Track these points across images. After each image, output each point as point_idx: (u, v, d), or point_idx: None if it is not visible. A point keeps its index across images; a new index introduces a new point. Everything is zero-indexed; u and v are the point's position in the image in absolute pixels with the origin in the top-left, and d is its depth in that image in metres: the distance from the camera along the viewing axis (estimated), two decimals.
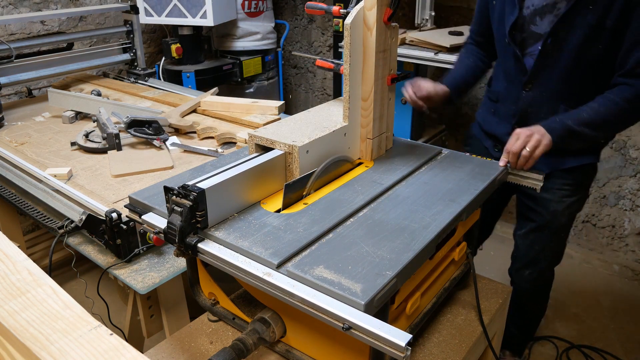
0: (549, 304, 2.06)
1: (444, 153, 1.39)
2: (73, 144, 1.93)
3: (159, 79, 3.07)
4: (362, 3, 1.17)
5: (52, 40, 2.55)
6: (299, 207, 1.09)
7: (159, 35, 3.54)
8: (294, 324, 1.03)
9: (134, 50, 2.79)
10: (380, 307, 0.84)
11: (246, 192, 1.07)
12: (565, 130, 1.42)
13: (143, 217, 1.05)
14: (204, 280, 1.19)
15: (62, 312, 0.61)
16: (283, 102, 2.18)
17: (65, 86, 2.63)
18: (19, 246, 0.81)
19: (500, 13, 1.60)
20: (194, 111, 2.25)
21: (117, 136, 1.85)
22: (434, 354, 1.15)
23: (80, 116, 2.26)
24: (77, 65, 2.62)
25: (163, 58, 3.16)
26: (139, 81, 2.76)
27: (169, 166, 1.73)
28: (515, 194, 1.87)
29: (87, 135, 1.96)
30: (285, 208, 1.08)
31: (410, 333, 0.75)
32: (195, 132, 2.07)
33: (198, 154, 1.86)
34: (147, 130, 1.90)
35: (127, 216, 1.23)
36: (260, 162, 1.09)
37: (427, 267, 1.14)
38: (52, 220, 1.49)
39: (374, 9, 1.15)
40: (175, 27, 3.11)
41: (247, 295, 1.18)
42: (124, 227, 1.30)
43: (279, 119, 2.09)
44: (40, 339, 0.57)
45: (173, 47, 3.01)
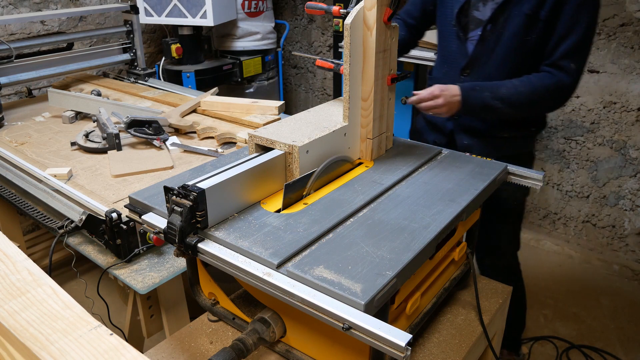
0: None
1: (444, 153, 1.39)
2: (73, 144, 1.93)
3: (159, 79, 3.07)
4: (362, 3, 1.17)
5: (52, 40, 2.55)
6: (299, 207, 1.09)
7: (159, 35, 3.54)
8: (294, 324, 1.03)
9: (134, 50, 2.79)
10: (380, 307, 0.84)
11: (246, 192, 1.07)
12: (480, 103, 1.54)
13: (143, 217, 1.05)
14: (204, 280, 1.19)
15: (62, 312, 0.61)
16: (283, 102, 2.18)
17: (65, 86, 2.63)
18: (19, 246, 0.81)
19: None
20: (194, 111, 2.25)
21: (117, 136, 1.85)
22: (434, 354, 1.15)
23: (80, 116, 2.26)
24: (77, 65, 2.62)
25: (163, 58, 3.16)
26: (139, 81, 2.76)
27: (169, 166, 1.73)
28: None
29: (87, 135, 1.96)
30: (285, 208, 1.08)
31: (410, 333, 0.75)
32: (195, 132, 2.07)
33: (198, 154, 1.86)
34: (147, 130, 1.90)
35: (127, 216, 1.23)
36: (260, 162, 1.09)
37: (427, 267, 1.14)
38: (52, 220, 1.49)
39: (374, 9, 1.15)
40: (175, 27, 3.11)
41: (247, 295, 1.18)
42: (124, 227, 1.30)
43: (279, 119, 2.09)
44: (40, 339, 0.57)
45: (173, 47, 3.01)
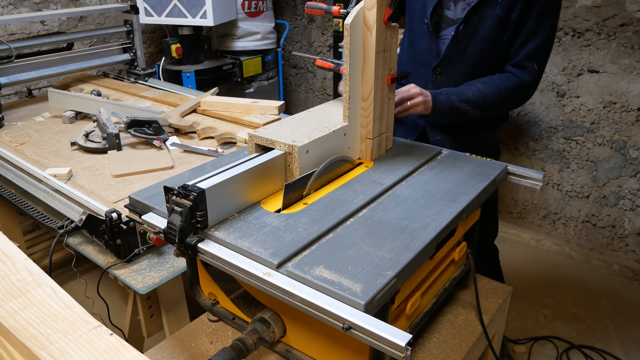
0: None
1: (444, 153, 1.39)
2: (73, 144, 1.93)
3: (159, 79, 3.06)
4: (362, 3, 1.17)
5: (52, 40, 2.55)
6: (299, 207, 1.09)
7: (159, 35, 3.54)
8: (294, 324, 1.03)
9: (134, 50, 2.79)
10: (380, 307, 0.84)
11: (246, 192, 1.07)
12: (448, 105, 1.58)
13: (143, 217, 1.05)
14: (204, 280, 1.19)
15: (62, 312, 0.61)
16: (283, 102, 2.18)
17: (65, 86, 2.63)
18: (19, 246, 0.81)
19: None
20: (194, 111, 2.25)
21: (117, 136, 1.85)
22: (434, 354, 1.15)
23: (80, 116, 2.26)
24: (77, 65, 2.62)
25: (163, 58, 3.16)
26: (139, 81, 2.76)
27: (169, 166, 1.73)
28: None
29: (87, 135, 1.96)
30: (285, 208, 1.08)
31: (410, 333, 0.75)
32: (195, 132, 2.07)
33: (198, 154, 1.86)
34: (147, 130, 1.90)
35: (127, 216, 1.23)
36: (260, 162, 1.09)
37: (427, 267, 1.14)
38: (52, 220, 1.49)
39: (374, 9, 1.15)
40: (175, 27, 3.11)
41: (247, 295, 1.18)
42: (124, 227, 1.30)
43: (279, 119, 2.09)
44: (40, 339, 0.57)
45: (173, 47, 3.01)
